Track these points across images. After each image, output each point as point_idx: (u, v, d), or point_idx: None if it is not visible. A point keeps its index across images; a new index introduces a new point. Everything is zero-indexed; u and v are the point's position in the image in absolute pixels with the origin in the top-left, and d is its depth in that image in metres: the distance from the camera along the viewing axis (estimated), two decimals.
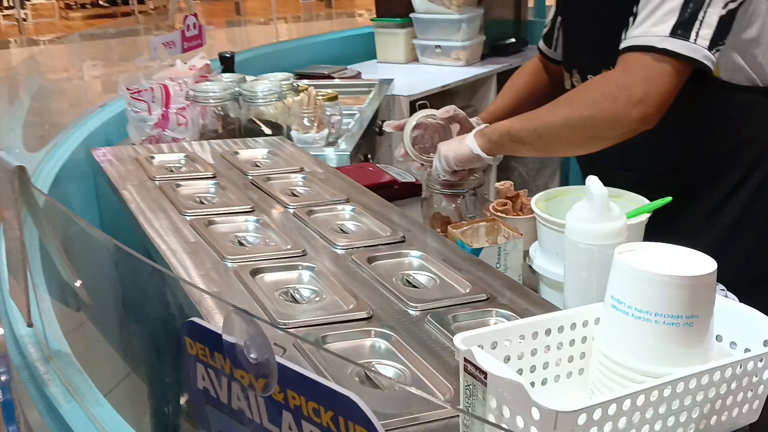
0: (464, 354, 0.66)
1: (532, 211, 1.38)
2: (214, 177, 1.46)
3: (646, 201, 1.20)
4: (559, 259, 1.15)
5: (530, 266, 1.20)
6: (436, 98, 2.97)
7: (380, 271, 1.06)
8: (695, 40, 1.13)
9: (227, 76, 2.18)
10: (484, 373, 0.64)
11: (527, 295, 1.00)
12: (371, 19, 3.44)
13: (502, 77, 3.22)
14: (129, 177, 1.46)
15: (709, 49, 1.14)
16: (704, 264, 0.72)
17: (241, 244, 1.18)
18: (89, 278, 1.07)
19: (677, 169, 1.35)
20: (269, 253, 1.12)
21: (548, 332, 0.77)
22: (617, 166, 1.31)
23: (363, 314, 0.93)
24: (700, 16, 1.13)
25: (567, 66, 1.47)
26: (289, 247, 1.14)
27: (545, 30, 1.63)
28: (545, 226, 1.14)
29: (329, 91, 2.14)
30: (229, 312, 0.53)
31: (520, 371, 0.76)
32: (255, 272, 1.05)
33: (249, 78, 2.16)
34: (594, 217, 0.91)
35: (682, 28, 1.13)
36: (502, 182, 1.43)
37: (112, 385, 1.20)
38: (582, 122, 1.18)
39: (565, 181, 3.57)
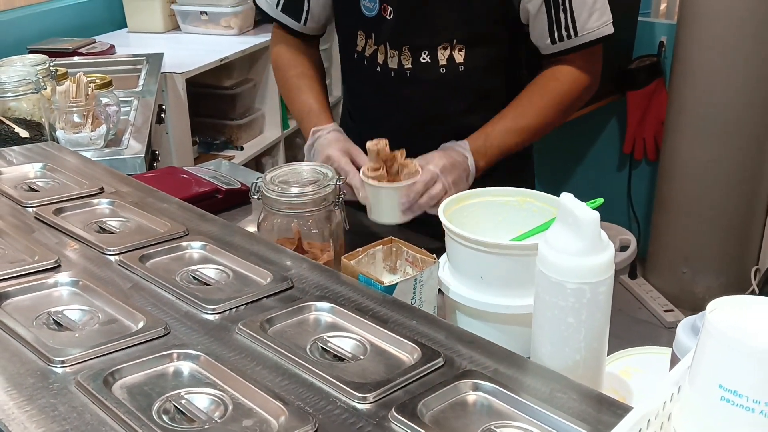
0: None
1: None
2: None
3: (555, 200, 1.03)
4: (484, 284, 0.93)
5: (441, 291, 0.97)
6: (212, 73, 2.60)
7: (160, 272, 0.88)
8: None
9: None
10: None
11: (483, 346, 0.77)
12: None
13: None
14: None
15: None
16: None
17: None
18: None
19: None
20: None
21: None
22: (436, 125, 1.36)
23: (158, 332, 0.75)
24: None
25: (393, 44, 1.30)
26: (36, 258, 0.90)
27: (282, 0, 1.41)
28: (469, 247, 0.91)
29: (100, 75, 1.71)
30: None
31: None
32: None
33: None
34: (584, 248, 0.70)
35: (607, 12, 1.24)
36: (375, 141, 1.15)
37: None
38: (564, 115, 1.31)
39: None
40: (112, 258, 0.92)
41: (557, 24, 1.22)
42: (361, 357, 0.75)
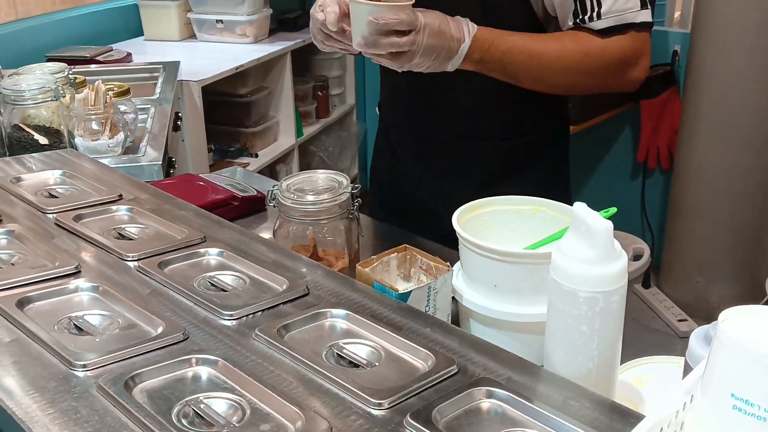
0: None
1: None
2: None
3: (569, 208, 1.03)
4: (497, 292, 0.94)
5: (454, 299, 0.98)
6: (227, 81, 2.62)
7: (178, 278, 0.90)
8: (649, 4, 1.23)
9: None
10: None
11: (497, 354, 0.78)
12: None
13: (297, 55, 2.94)
14: None
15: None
16: None
17: None
18: None
19: (525, 134, 1.40)
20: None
21: None
22: (466, 135, 1.38)
23: (177, 337, 0.76)
24: None
25: None
26: (57, 264, 0.91)
27: None
28: (482, 256, 0.92)
29: (118, 83, 1.73)
30: None
31: None
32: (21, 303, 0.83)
33: (6, 72, 1.67)
34: (597, 257, 0.71)
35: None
36: None
37: None
38: (585, 73, 1.23)
39: (363, 164, 3.40)
40: (131, 264, 0.94)
41: (582, 8, 1.20)
42: (376, 363, 0.76)
